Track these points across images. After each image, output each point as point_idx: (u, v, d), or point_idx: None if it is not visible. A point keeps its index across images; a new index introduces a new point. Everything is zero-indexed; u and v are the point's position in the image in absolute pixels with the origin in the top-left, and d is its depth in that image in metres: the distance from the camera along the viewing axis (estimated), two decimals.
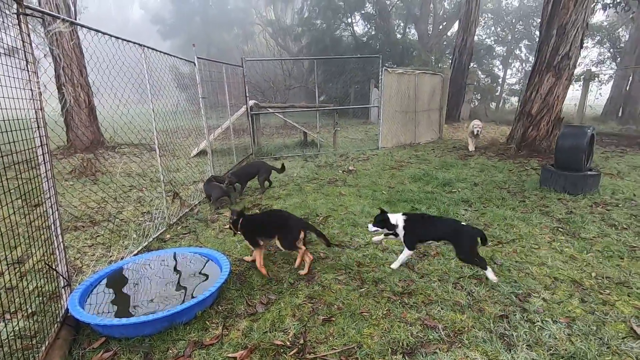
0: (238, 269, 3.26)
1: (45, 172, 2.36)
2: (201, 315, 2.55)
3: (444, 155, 8.49)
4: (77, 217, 4.58)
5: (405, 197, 5.18)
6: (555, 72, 7.39)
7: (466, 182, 6.04)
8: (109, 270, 2.95)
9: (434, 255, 3.46)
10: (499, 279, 2.94)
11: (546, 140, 7.87)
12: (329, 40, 20.90)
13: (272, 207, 4.96)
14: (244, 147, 9.31)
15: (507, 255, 3.43)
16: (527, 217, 4.38)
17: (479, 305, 2.65)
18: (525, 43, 26.52)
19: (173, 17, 31.57)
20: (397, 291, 2.85)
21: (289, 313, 2.60)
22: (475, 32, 15.92)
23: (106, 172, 6.95)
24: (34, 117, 2.31)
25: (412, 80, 10.06)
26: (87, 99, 9.35)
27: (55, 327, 2.31)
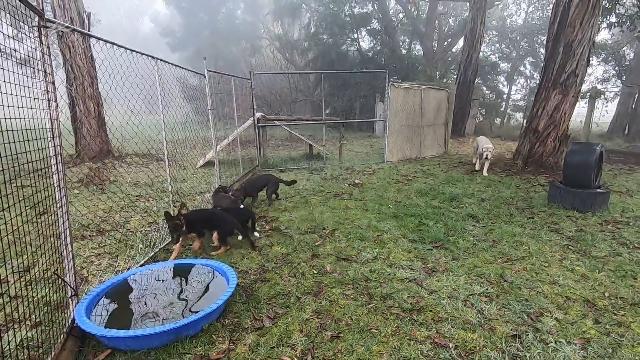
0: (244, 282, 3.23)
1: (58, 182, 2.38)
2: (207, 328, 2.52)
3: (450, 170, 8.47)
4: (84, 226, 4.59)
5: (412, 212, 5.15)
6: (562, 89, 7.42)
7: (473, 197, 6.00)
8: (115, 280, 2.94)
9: (443, 271, 3.42)
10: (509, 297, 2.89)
11: (553, 156, 7.84)
12: (335, 55, 21.17)
13: (279, 219, 4.94)
14: (249, 158, 9.36)
15: (517, 272, 3.38)
16: (537, 234, 4.33)
17: (490, 324, 2.59)
18: (529, 60, 26.71)
19: (182, 30, 32.24)
20: (406, 308, 2.80)
21: (296, 328, 2.56)
22: (480, 48, 16.07)
23: (114, 181, 6.99)
24: (49, 127, 2.34)
25: (418, 95, 10.14)
26: (96, 109, 9.49)
27: (61, 337, 2.28)
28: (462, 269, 3.44)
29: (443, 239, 4.19)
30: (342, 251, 3.87)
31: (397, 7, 26.17)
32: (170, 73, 4.72)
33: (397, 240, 4.19)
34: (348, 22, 21.68)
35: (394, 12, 26.28)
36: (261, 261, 3.66)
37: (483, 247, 3.96)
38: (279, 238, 4.27)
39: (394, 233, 4.39)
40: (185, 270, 3.22)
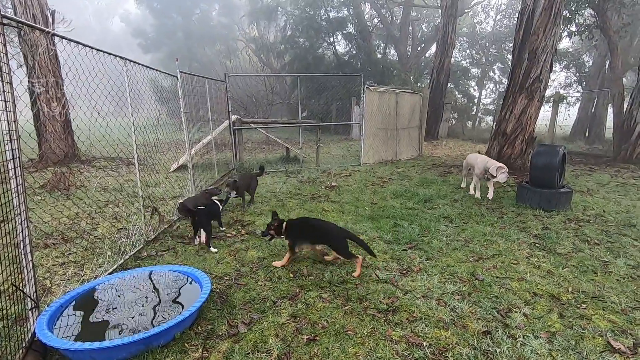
0: (219, 287, 3.16)
1: (16, 187, 2.25)
2: (180, 336, 2.44)
3: (424, 172, 8.66)
4: (47, 234, 4.35)
5: (387, 213, 5.22)
6: (527, 93, 7.77)
7: (446, 198, 6.16)
8: (81, 290, 2.80)
9: (417, 271, 3.48)
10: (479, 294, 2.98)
11: (520, 158, 8.18)
12: (312, 58, 21.28)
13: (255, 223, 4.88)
14: (225, 162, 9.21)
15: (487, 270, 3.49)
16: (506, 233, 4.50)
17: (463, 322, 2.66)
18: (498, 65, 27.85)
19: (155, 31, 31.40)
20: (381, 308, 2.83)
21: (272, 333, 2.52)
22: (452, 54, 16.61)
23: (81, 187, 6.69)
24: (5, 130, 2.21)
25: (392, 99, 10.33)
26: (61, 111, 9.06)
27: (20, 352, 2.15)
28: (435, 269, 3.52)
29: (417, 239, 4.27)
30: (318, 254, 3.86)
31: (372, 12, 26.64)
32: (141, 74, 4.58)
33: (373, 241, 4.23)
34: (324, 25, 21.86)
35: (369, 17, 26.72)
36: (236, 266, 3.60)
37: (456, 247, 4.06)
38: (254, 242, 4.21)
39: (370, 234, 4.43)
40: (158, 278, 3.11)
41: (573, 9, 11.27)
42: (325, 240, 3.54)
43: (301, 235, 3.56)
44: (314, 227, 3.61)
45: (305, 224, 3.66)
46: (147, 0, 29.99)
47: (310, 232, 3.56)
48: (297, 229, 3.58)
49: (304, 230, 3.58)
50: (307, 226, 3.63)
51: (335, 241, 3.47)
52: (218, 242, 4.27)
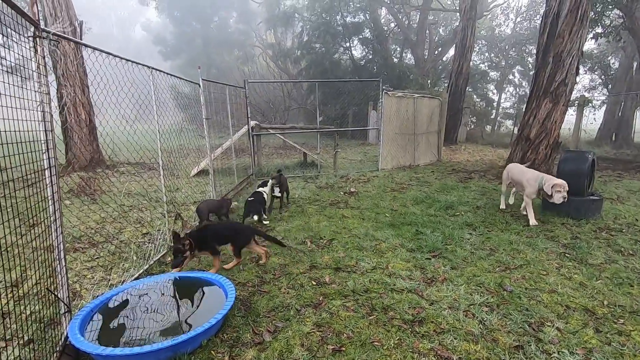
0: (242, 294, 3.17)
1: (52, 195, 2.32)
2: (206, 344, 2.45)
3: (444, 178, 8.52)
4: (76, 238, 4.48)
5: (409, 220, 5.15)
6: (552, 98, 7.56)
7: (468, 205, 6.04)
8: (109, 295, 2.86)
9: (442, 280, 3.40)
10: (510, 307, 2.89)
11: (545, 164, 7.95)
12: (328, 64, 21.37)
13: (275, 229, 4.89)
14: (243, 167, 9.30)
15: (516, 281, 3.38)
16: (533, 242, 4.36)
17: (493, 335, 2.58)
18: (518, 68, 27.30)
19: (174, 38, 32.22)
20: (407, 319, 2.77)
21: (297, 342, 2.51)
22: (470, 58, 16.38)
23: (107, 191, 6.87)
24: (43, 139, 2.29)
25: (411, 104, 10.24)
26: (88, 118, 9.37)
27: (54, 356, 2.20)
28: (461, 278, 3.43)
29: (441, 247, 4.19)
30: (340, 261, 3.84)
31: (388, 17, 26.58)
32: (164, 82, 4.69)
33: (395, 249, 4.17)
34: (340, 31, 21.95)
35: (385, 21, 26.67)
36: (259, 272, 3.61)
37: (481, 256, 3.96)
38: (276, 248, 4.22)
39: (392, 242, 4.37)
40: (183, 284, 3.15)
41: (599, 10, 10.94)
42: (231, 239, 3.66)
43: (211, 240, 3.57)
44: (216, 230, 3.69)
45: (209, 229, 3.70)
46: (167, 9, 30.82)
47: (217, 235, 3.63)
48: (203, 236, 3.54)
49: (209, 235, 3.59)
50: (211, 230, 3.68)
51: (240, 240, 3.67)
52: None
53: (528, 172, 5.13)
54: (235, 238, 3.65)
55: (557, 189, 4.60)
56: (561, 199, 4.57)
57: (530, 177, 4.99)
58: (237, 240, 3.65)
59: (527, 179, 5.00)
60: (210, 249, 3.54)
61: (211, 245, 3.54)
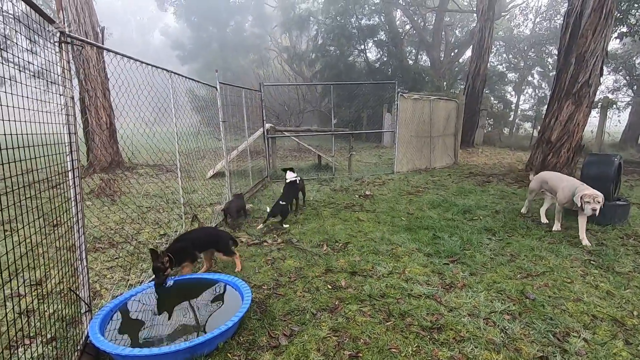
0: (258, 297, 3.17)
1: (75, 196, 2.37)
2: (223, 346, 2.45)
3: (461, 181, 8.37)
4: (96, 238, 4.58)
5: (425, 224, 5.06)
6: (574, 99, 7.33)
7: (487, 209, 5.90)
8: (128, 295, 2.90)
9: (461, 287, 3.32)
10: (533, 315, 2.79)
11: (567, 167, 7.71)
12: (342, 66, 21.36)
13: (291, 232, 4.89)
14: (258, 169, 9.35)
15: (538, 289, 3.27)
16: (556, 248, 4.21)
17: (515, 344, 2.49)
18: (537, 69, 26.65)
19: (192, 43, 32.86)
20: (425, 326, 2.71)
21: (313, 347, 2.48)
22: (488, 59, 16.09)
23: (126, 192, 7.02)
24: (67, 142, 2.34)
25: (427, 106, 10.11)
26: (108, 121, 9.62)
27: (75, 355, 2.24)
28: (481, 285, 3.34)
29: (459, 252, 4.09)
30: (356, 265, 3.80)
31: (403, 19, 26.40)
32: (181, 85, 4.76)
33: (411, 254, 4.10)
34: (355, 33, 21.91)
35: (401, 23, 26.49)
36: (274, 275, 3.60)
37: (501, 262, 3.86)
38: (291, 251, 4.21)
39: (409, 246, 4.30)
40: (199, 285, 3.17)
41: (624, 9, 10.58)
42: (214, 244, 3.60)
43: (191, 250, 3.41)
44: (192, 239, 3.49)
45: (185, 239, 3.46)
46: (185, 14, 31.48)
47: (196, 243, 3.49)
48: (181, 249, 3.32)
49: (188, 245, 3.41)
50: (189, 240, 3.47)
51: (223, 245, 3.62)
52: (255, 249, 4.31)
53: (565, 179, 4.80)
54: (218, 243, 3.60)
55: (587, 199, 4.21)
56: (591, 212, 4.16)
57: (566, 185, 4.65)
58: (220, 244, 3.60)
59: (563, 187, 4.67)
60: (189, 258, 3.37)
61: (191, 254, 3.38)
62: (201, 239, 3.55)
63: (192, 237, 3.52)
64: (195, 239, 3.49)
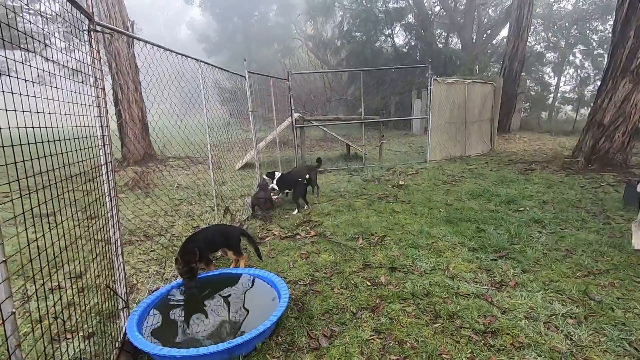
0: (294, 293, 3.04)
1: (109, 190, 2.30)
2: (261, 347, 2.34)
3: (501, 169, 7.87)
4: (131, 231, 4.62)
5: (466, 216, 4.75)
6: (632, 77, 6.62)
7: (533, 199, 5.47)
8: (164, 291, 2.85)
9: (514, 285, 3.04)
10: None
11: (622, 152, 7.04)
12: (369, 52, 20.72)
13: (323, 224, 4.73)
14: (286, 160, 9.25)
15: (604, 289, 2.93)
16: (618, 242, 3.80)
17: (585, 354, 2.21)
18: (580, 48, 24.77)
19: (217, 35, 33.11)
20: (478, 329, 2.48)
21: (356, 350, 2.32)
22: (527, 38, 15.05)
23: (159, 185, 7.12)
24: (99, 135, 2.26)
25: (461, 90, 9.56)
26: (140, 114, 9.79)
27: (114, 353, 2.19)
28: (536, 284, 3.05)
29: (507, 247, 3.78)
30: (395, 260, 3.58)
31: (432, 0, 25.22)
32: (209, 76, 4.66)
33: (454, 248, 3.83)
34: (382, 18, 21.16)
35: (429, 4, 25.32)
36: (309, 270, 3.46)
37: (556, 258, 3.52)
38: (325, 245, 4.05)
39: (450, 240, 4.03)
40: (234, 281, 3.08)
41: None
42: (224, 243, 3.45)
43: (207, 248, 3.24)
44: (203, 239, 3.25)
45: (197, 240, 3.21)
46: (210, 7, 31.68)
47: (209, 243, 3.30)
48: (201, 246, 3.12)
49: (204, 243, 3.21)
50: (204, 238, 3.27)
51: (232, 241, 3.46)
52: (288, 242, 4.19)
53: None
54: (228, 241, 3.44)
55: None
56: None
57: None
58: (230, 243, 3.44)
59: None
60: (204, 261, 3.18)
61: (205, 256, 3.19)
62: (210, 238, 3.33)
63: (202, 237, 3.26)
64: (205, 239, 3.26)
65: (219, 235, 3.42)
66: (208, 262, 3.22)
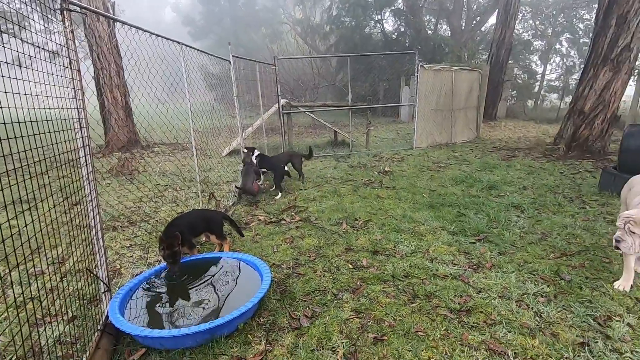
0: (277, 276, 3.09)
1: (87, 174, 2.28)
2: (243, 327, 2.39)
3: (485, 156, 8.01)
4: (114, 217, 4.59)
5: (449, 201, 4.85)
6: (613, 65, 6.76)
7: (514, 185, 5.61)
8: (147, 274, 2.86)
9: (490, 267, 3.15)
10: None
11: (600, 140, 7.23)
12: (358, 38, 20.56)
13: (308, 209, 4.78)
14: (274, 146, 9.22)
15: (575, 269, 3.07)
16: (591, 226, 3.95)
17: (552, 329, 2.33)
18: (566, 36, 25.02)
19: (203, 18, 32.22)
20: (453, 308, 2.58)
21: (336, 329, 2.39)
22: (514, 25, 15.11)
23: (143, 171, 7.03)
24: (76, 117, 2.22)
25: (448, 77, 9.60)
26: (123, 99, 9.57)
27: (95, 335, 2.21)
28: (511, 265, 3.16)
29: (486, 231, 3.90)
30: (377, 244, 3.66)
31: None
32: (194, 61, 4.58)
33: (435, 232, 3.93)
34: (371, 3, 20.91)
35: None
36: (293, 254, 3.51)
37: (532, 240, 3.64)
38: (310, 229, 4.11)
39: (432, 224, 4.13)
40: (217, 264, 3.11)
41: None
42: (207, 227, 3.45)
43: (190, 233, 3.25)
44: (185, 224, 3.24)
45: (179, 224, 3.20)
46: None
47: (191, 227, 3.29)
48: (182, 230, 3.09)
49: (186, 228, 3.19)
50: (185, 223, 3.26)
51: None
52: (273, 227, 4.23)
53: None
54: (210, 225, 3.43)
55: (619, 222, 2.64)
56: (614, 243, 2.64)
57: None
58: (212, 228, 3.44)
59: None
60: (187, 245, 3.17)
61: (188, 240, 3.17)
62: (192, 223, 3.31)
63: (185, 222, 3.24)
64: (187, 223, 3.23)
65: (201, 219, 3.43)
66: (191, 246, 3.24)
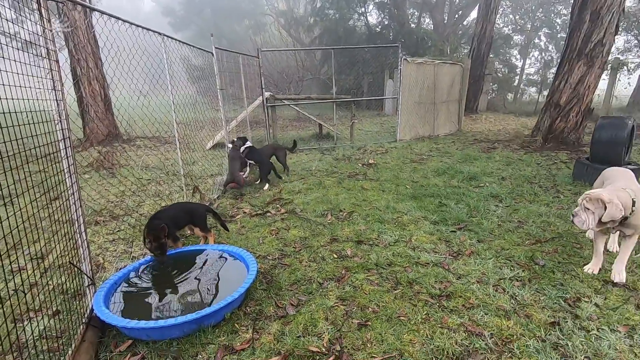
0: (264, 267, 3.13)
1: (68, 167, 2.25)
2: (230, 317, 2.43)
3: (466, 148, 8.21)
4: (96, 211, 4.51)
5: (431, 192, 4.97)
6: (587, 60, 7.01)
7: (493, 176, 5.79)
8: (132, 267, 2.85)
9: (469, 254, 3.27)
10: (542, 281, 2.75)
11: (575, 132, 7.52)
12: (342, 31, 20.50)
13: (294, 202, 4.81)
14: (258, 139, 9.17)
15: (548, 254, 3.22)
16: (564, 214, 4.14)
17: (526, 311, 2.46)
18: (545, 31, 25.63)
19: (183, 9, 31.42)
20: (434, 293, 2.68)
21: (321, 316, 2.45)
22: (495, 20, 15.38)
23: (125, 165, 6.90)
24: (55, 109, 2.19)
25: (431, 71, 9.74)
26: (102, 92, 9.31)
27: (80, 328, 2.21)
28: (489, 252, 3.30)
29: (466, 220, 4.03)
30: (361, 234, 3.74)
31: None
32: (176, 52, 4.51)
33: (417, 222, 4.04)
34: None
35: None
36: (279, 245, 3.56)
37: (509, 228, 3.80)
38: (295, 221, 4.15)
39: (414, 214, 4.24)
40: (202, 257, 3.12)
41: None
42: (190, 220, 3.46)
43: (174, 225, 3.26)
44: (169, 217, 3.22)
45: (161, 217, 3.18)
46: None
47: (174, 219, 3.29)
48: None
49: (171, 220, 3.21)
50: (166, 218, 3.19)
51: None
52: (258, 220, 4.25)
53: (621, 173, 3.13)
54: (193, 217, 3.44)
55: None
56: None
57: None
58: (196, 220, 3.45)
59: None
60: (171, 238, 3.14)
61: (171, 233, 3.13)
62: (175, 216, 3.30)
63: (168, 215, 3.22)
64: (170, 216, 3.21)
65: (184, 212, 3.42)
66: (175, 239, 3.23)
